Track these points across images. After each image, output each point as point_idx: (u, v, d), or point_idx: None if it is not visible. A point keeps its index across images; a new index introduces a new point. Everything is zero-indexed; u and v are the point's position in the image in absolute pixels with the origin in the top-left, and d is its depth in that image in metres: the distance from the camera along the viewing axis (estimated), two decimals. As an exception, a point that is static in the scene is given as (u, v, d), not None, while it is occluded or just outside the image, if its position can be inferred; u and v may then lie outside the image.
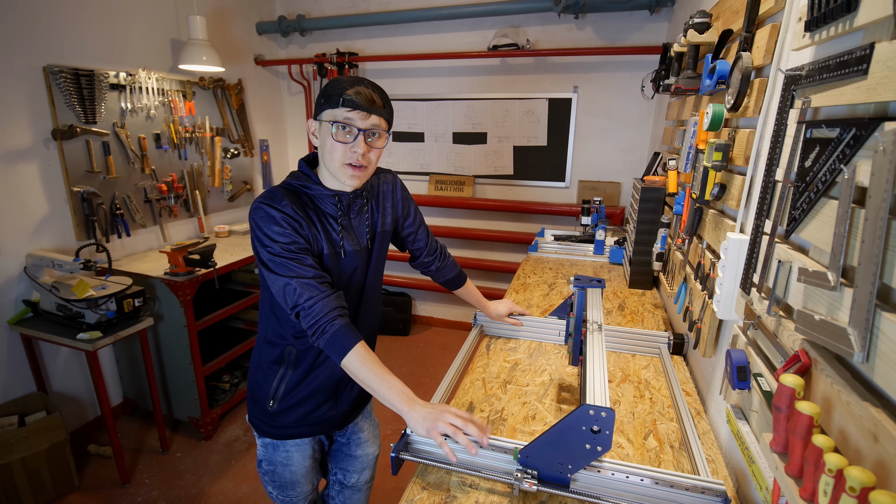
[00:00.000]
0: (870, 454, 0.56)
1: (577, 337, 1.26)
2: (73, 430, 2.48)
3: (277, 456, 1.26)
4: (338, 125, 1.03)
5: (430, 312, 4.06)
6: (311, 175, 1.12)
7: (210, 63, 2.75)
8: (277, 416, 1.22)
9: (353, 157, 1.05)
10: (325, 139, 1.05)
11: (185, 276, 2.31)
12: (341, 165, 1.06)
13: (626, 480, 0.91)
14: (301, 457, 1.28)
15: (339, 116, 1.03)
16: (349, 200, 1.14)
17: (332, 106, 1.03)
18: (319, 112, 1.06)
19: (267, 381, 1.21)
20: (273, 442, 1.25)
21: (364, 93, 1.03)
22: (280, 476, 1.28)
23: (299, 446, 1.27)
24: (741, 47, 1.12)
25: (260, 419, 1.24)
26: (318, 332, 1.00)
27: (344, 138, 1.04)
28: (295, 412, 1.21)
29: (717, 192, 1.23)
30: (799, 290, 0.76)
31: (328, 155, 1.06)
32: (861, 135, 0.60)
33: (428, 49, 3.42)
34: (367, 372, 0.99)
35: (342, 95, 1.02)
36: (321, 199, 1.11)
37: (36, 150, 2.25)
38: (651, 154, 2.82)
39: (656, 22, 2.93)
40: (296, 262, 1.02)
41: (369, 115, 1.04)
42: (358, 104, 1.02)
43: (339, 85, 1.04)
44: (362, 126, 1.04)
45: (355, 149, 1.04)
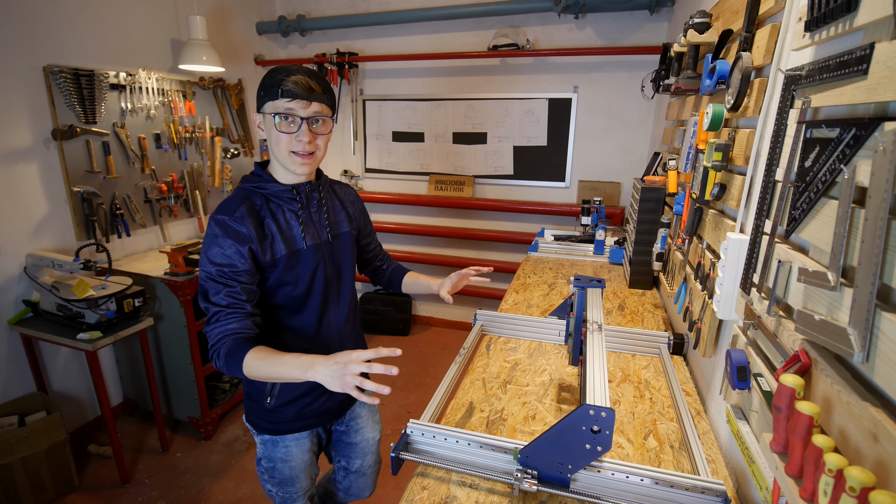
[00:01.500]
0: (870, 454, 0.56)
1: (577, 337, 1.26)
2: (73, 430, 2.47)
3: (277, 452, 1.28)
4: (280, 116, 1.04)
5: (429, 312, 4.06)
6: (262, 175, 1.14)
7: (210, 63, 2.75)
8: (276, 411, 1.23)
9: (300, 145, 1.07)
10: (270, 131, 1.07)
11: (185, 276, 2.31)
12: (288, 154, 1.08)
13: (626, 480, 0.91)
14: (300, 451, 1.30)
15: (280, 107, 1.04)
16: (307, 193, 1.16)
17: (272, 97, 1.04)
18: (261, 104, 1.07)
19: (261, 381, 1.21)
20: (272, 438, 1.27)
21: (301, 81, 1.03)
22: (280, 472, 1.30)
23: (298, 441, 1.29)
24: (741, 47, 1.11)
25: (258, 416, 1.26)
26: (216, 356, 1.03)
27: (288, 128, 1.05)
28: (293, 406, 1.24)
29: (717, 192, 1.23)
30: (799, 290, 0.76)
31: (275, 146, 1.08)
32: (861, 135, 0.60)
33: (428, 49, 3.42)
34: (263, 366, 0.99)
35: (280, 86, 1.03)
36: (279, 196, 1.13)
37: (36, 150, 2.25)
38: (651, 154, 2.82)
39: (656, 22, 2.93)
40: (218, 287, 1.04)
41: (310, 102, 1.05)
42: (297, 94, 1.03)
43: (277, 75, 1.04)
44: (304, 115, 1.05)
45: (300, 137, 1.06)
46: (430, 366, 3.37)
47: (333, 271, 1.23)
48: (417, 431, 1.06)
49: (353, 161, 3.89)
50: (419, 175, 3.75)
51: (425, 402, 2.98)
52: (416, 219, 3.82)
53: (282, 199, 1.13)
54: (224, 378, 2.86)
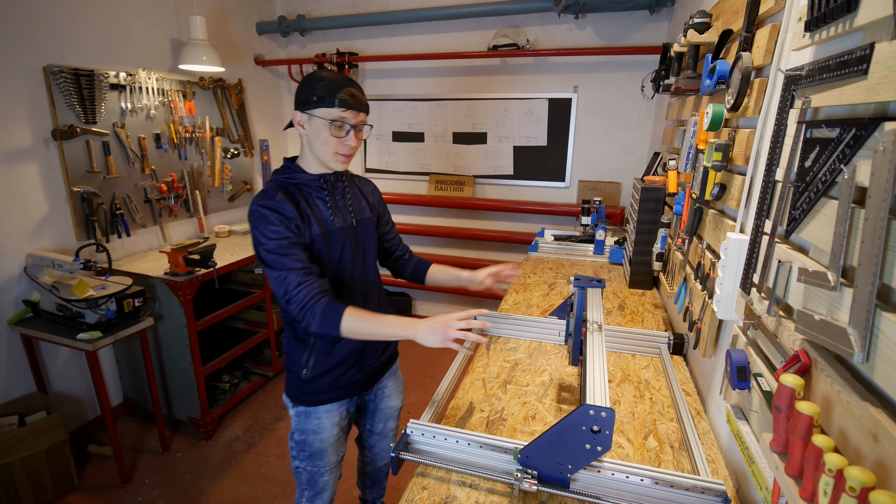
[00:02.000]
0: (870, 454, 0.56)
1: (577, 337, 1.26)
2: (73, 430, 2.47)
3: (309, 424, 1.37)
4: (334, 123, 1.16)
5: (430, 312, 4.06)
6: (293, 167, 1.27)
7: (210, 63, 2.75)
8: (311, 382, 1.33)
9: (346, 148, 1.21)
10: (319, 133, 1.18)
11: (185, 276, 2.31)
12: (334, 155, 1.21)
13: (626, 480, 0.91)
14: (330, 423, 1.38)
15: (335, 115, 1.16)
16: (332, 181, 1.29)
17: (328, 105, 1.15)
18: (311, 108, 1.17)
19: (297, 353, 1.32)
20: (306, 410, 1.36)
21: (356, 94, 1.18)
22: (310, 445, 1.38)
23: (329, 413, 1.37)
24: (741, 47, 1.12)
25: (295, 388, 1.36)
26: (309, 315, 1.11)
27: (338, 133, 1.18)
28: (326, 378, 1.33)
29: (717, 192, 1.23)
30: (799, 290, 0.76)
31: (322, 146, 1.19)
32: (861, 135, 0.60)
33: (428, 49, 3.42)
34: (365, 325, 1.11)
35: (336, 96, 1.15)
36: (308, 185, 1.25)
37: (36, 150, 2.25)
38: (651, 154, 2.82)
39: (656, 22, 2.93)
40: (286, 257, 1.14)
41: (359, 113, 1.20)
42: (352, 105, 1.17)
43: (333, 85, 1.16)
44: (354, 123, 1.19)
45: (348, 142, 1.20)
46: (430, 366, 3.37)
47: (358, 252, 1.34)
48: (417, 431, 1.06)
49: (354, 161, 3.89)
50: (419, 175, 3.75)
51: (425, 402, 2.98)
52: (416, 219, 3.82)
53: (311, 188, 1.26)
54: (224, 378, 2.87)
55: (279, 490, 2.21)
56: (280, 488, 2.22)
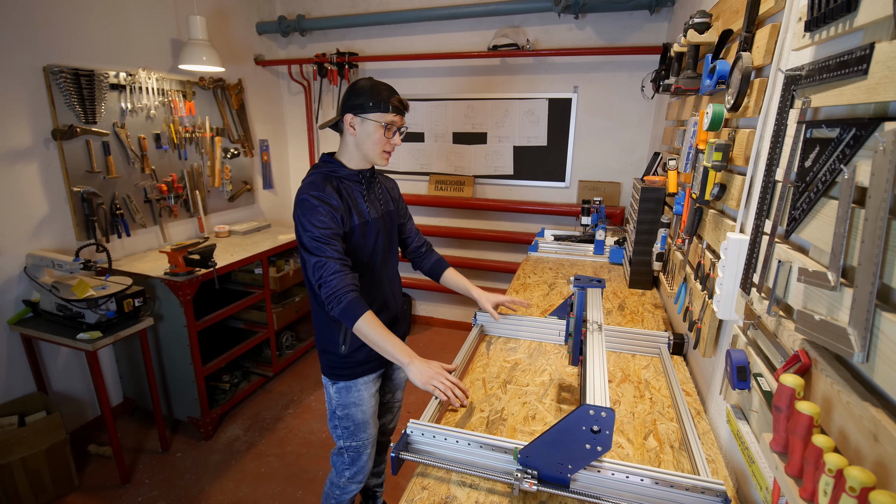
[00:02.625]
0: (870, 454, 0.56)
1: (577, 337, 1.26)
2: (73, 430, 2.47)
3: (350, 398, 1.49)
4: (389, 125, 1.36)
5: (430, 312, 4.07)
6: (333, 162, 1.42)
7: (210, 63, 2.75)
8: (349, 357, 1.46)
9: (391, 146, 1.41)
10: (371, 134, 1.36)
11: (185, 276, 2.31)
12: (381, 152, 1.39)
13: (626, 480, 0.91)
14: (368, 395, 1.51)
15: (388, 119, 1.36)
16: (368, 177, 1.46)
17: (383, 110, 1.34)
18: (365, 111, 1.34)
19: (333, 332, 1.45)
20: (346, 384, 1.48)
21: (404, 101, 1.39)
22: (353, 418, 1.50)
23: (367, 384, 1.50)
24: (741, 47, 1.11)
25: (334, 365, 1.48)
26: (335, 302, 1.24)
27: (390, 135, 1.38)
28: (363, 350, 1.46)
29: (717, 192, 1.23)
30: (799, 290, 0.76)
31: (372, 146, 1.38)
32: (861, 135, 0.60)
33: (428, 49, 3.42)
34: (375, 334, 1.24)
35: (390, 102, 1.34)
36: (349, 178, 1.42)
37: (36, 150, 2.25)
38: (651, 154, 2.82)
39: (656, 22, 2.93)
40: (327, 246, 1.27)
41: (403, 117, 1.41)
42: (401, 110, 1.38)
43: (384, 92, 1.35)
44: (400, 125, 1.40)
45: (395, 142, 1.41)
46: (430, 366, 3.36)
47: (387, 239, 1.51)
48: (417, 431, 1.06)
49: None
50: (419, 175, 3.75)
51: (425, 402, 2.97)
52: (416, 219, 3.82)
53: (351, 182, 1.42)
54: (224, 378, 2.87)
55: (279, 490, 2.21)
56: (280, 488, 2.22)
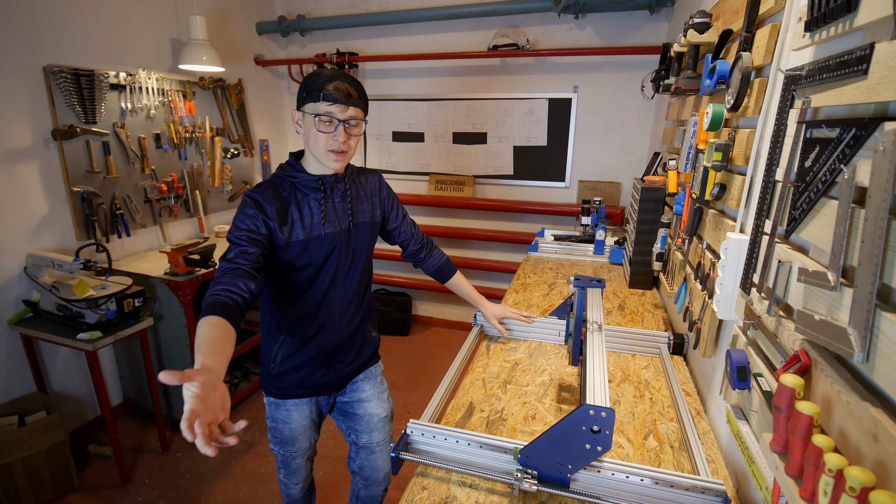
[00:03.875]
0: (870, 454, 0.56)
1: (577, 337, 1.26)
2: (73, 430, 2.48)
3: (279, 414, 1.42)
4: (320, 117, 1.15)
5: (430, 312, 4.06)
6: (295, 165, 1.27)
7: (210, 63, 2.75)
8: (278, 377, 1.37)
9: (336, 144, 1.18)
10: (309, 129, 1.18)
11: (185, 276, 2.31)
12: (325, 152, 1.19)
13: (626, 480, 0.91)
14: (299, 416, 1.42)
15: (321, 110, 1.15)
16: (331, 183, 1.27)
17: (314, 100, 1.14)
18: (302, 104, 1.18)
19: (268, 347, 1.36)
20: (275, 401, 1.41)
21: (342, 87, 1.15)
22: (280, 432, 1.44)
23: (297, 406, 1.41)
24: (741, 47, 1.11)
25: (265, 379, 1.41)
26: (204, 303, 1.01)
27: (326, 129, 1.17)
28: (292, 376, 1.36)
29: (717, 192, 1.23)
30: (799, 290, 0.76)
31: (312, 143, 1.19)
32: (861, 135, 0.60)
33: (428, 49, 3.42)
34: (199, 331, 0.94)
35: (322, 90, 1.13)
36: (305, 185, 1.25)
37: (36, 150, 2.25)
38: (651, 154, 2.82)
39: (656, 22, 2.93)
40: (237, 248, 1.13)
41: (347, 107, 1.16)
42: (337, 98, 1.14)
43: (319, 79, 1.15)
44: (341, 117, 1.16)
45: (336, 138, 1.18)
46: (430, 366, 3.37)
47: (347, 257, 1.33)
48: (417, 431, 1.06)
49: (353, 161, 3.89)
50: (419, 175, 3.75)
51: (425, 402, 2.98)
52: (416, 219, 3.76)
53: (308, 189, 1.25)
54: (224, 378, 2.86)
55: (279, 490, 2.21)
56: (280, 488, 2.22)
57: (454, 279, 1.61)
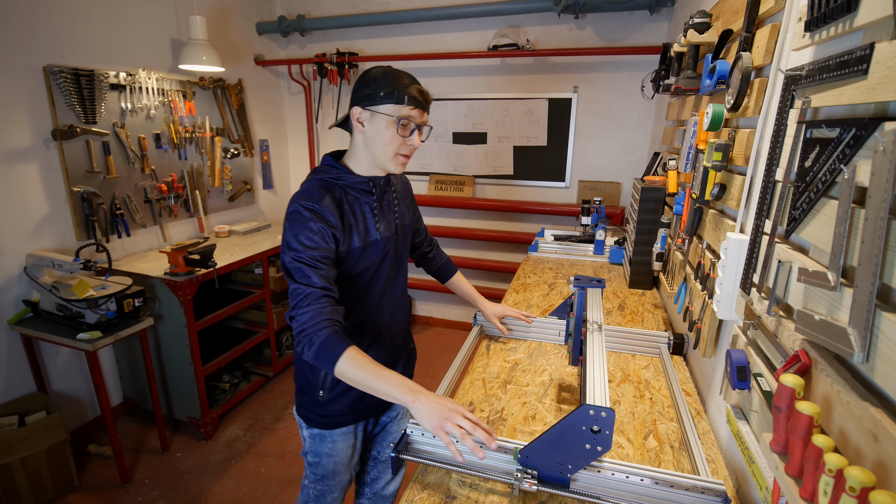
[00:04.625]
0: (870, 454, 0.56)
1: (577, 337, 1.26)
2: (73, 430, 2.47)
3: (324, 447, 1.29)
4: (402, 120, 1.09)
5: (430, 312, 4.06)
6: (338, 166, 1.16)
7: (210, 63, 2.75)
8: (328, 404, 1.24)
9: (408, 149, 1.13)
10: (383, 132, 1.10)
11: (185, 276, 2.31)
12: (395, 156, 1.13)
13: (626, 480, 0.91)
14: (345, 446, 1.31)
15: (403, 113, 1.09)
16: (381, 185, 1.20)
17: (395, 101, 1.07)
18: (377, 104, 1.08)
19: (314, 373, 1.23)
20: (321, 433, 1.28)
21: (425, 92, 1.11)
22: (323, 467, 1.31)
23: (345, 435, 1.29)
24: (741, 47, 1.11)
25: (309, 409, 1.27)
26: (306, 343, 0.98)
27: (404, 133, 1.10)
28: (344, 399, 1.24)
29: (717, 192, 1.23)
30: (799, 290, 0.76)
31: (383, 145, 1.11)
32: (861, 135, 0.60)
33: (428, 49, 3.42)
34: (362, 373, 0.95)
35: (406, 92, 1.07)
36: (355, 188, 1.16)
37: (36, 150, 2.25)
38: (651, 154, 2.82)
39: (656, 22, 2.93)
40: (313, 271, 1.03)
41: (424, 112, 1.13)
42: (420, 103, 1.10)
43: (400, 81, 1.08)
44: (419, 122, 1.12)
45: (412, 142, 1.12)
46: (430, 366, 3.37)
47: (395, 261, 1.26)
48: (417, 431, 1.06)
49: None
50: (419, 175, 3.75)
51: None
52: (416, 219, 3.82)
53: (358, 192, 1.16)
54: (224, 378, 2.86)
55: (279, 490, 2.21)
56: (280, 488, 2.22)
57: (454, 278, 1.59)
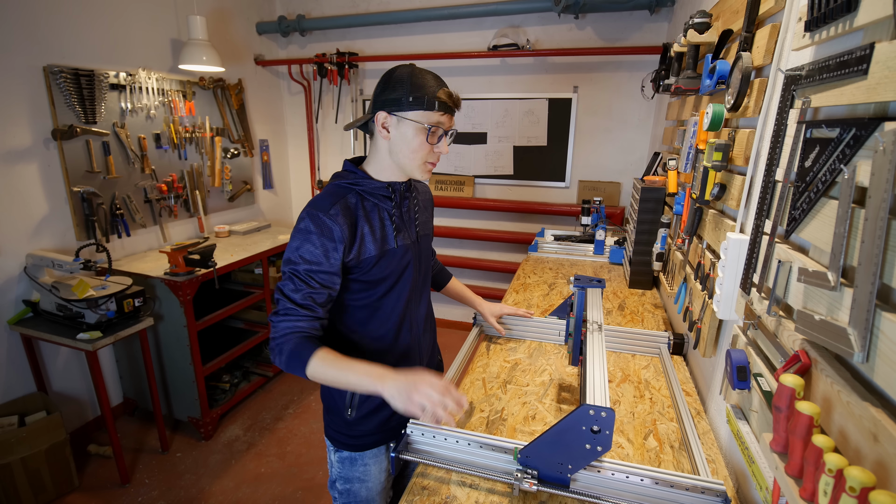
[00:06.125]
0: (870, 454, 0.56)
1: (577, 337, 1.26)
2: (73, 430, 2.47)
3: (355, 472, 1.22)
4: (433, 127, 1.02)
5: (430, 312, 4.06)
6: (357, 172, 1.11)
7: (210, 63, 2.75)
8: (357, 424, 1.18)
9: (436, 156, 1.07)
10: (410, 139, 1.03)
11: (185, 276, 2.31)
12: (423, 163, 1.07)
13: (626, 480, 0.91)
14: (378, 470, 1.24)
15: (433, 120, 1.02)
16: (401, 192, 1.13)
17: (425, 107, 1.01)
18: (405, 109, 1.02)
19: (341, 392, 1.17)
20: (351, 456, 1.21)
21: (454, 96, 1.04)
22: (356, 495, 1.24)
23: (377, 457, 1.23)
24: (741, 47, 1.11)
25: (338, 430, 1.20)
26: (278, 352, 0.98)
27: (434, 140, 1.04)
28: (374, 419, 1.18)
29: (717, 192, 1.23)
30: (799, 290, 0.76)
31: (411, 153, 1.05)
32: (861, 135, 0.60)
33: (428, 49, 3.42)
34: (331, 370, 0.95)
35: (436, 98, 1.01)
36: (374, 194, 1.09)
37: (36, 150, 2.25)
38: (651, 154, 2.82)
39: (656, 22, 2.93)
40: (303, 284, 1.00)
41: (452, 117, 1.06)
42: (450, 108, 1.03)
43: (428, 86, 1.01)
44: (448, 128, 1.05)
45: (440, 149, 1.06)
46: (430, 366, 3.36)
47: (420, 273, 1.19)
48: (417, 431, 1.06)
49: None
50: (419, 175, 3.74)
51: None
52: (416, 219, 3.82)
53: (376, 198, 1.09)
54: (224, 378, 2.87)
55: (279, 490, 2.21)
56: (280, 488, 2.22)
57: (449, 285, 1.54)
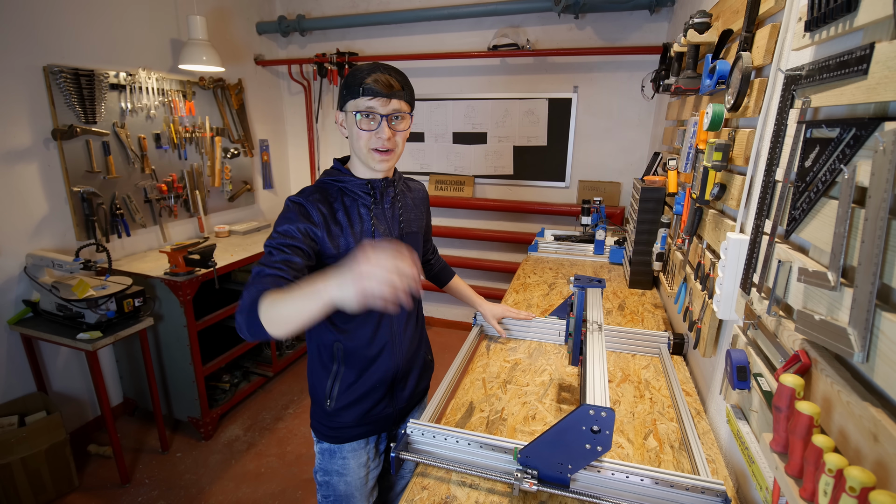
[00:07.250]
0: (870, 454, 0.56)
1: (577, 337, 1.26)
2: (73, 430, 2.47)
3: (333, 464, 1.25)
4: (361, 114, 1.06)
5: (429, 312, 4.06)
6: (341, 169, 1.17)
7: (210, 63, 2.75)
8: (336, 415, 1.21)
9: (379, 142, 1.08)
10: (352, 128, 1.09)
11: (185, 276, 2.31)
12: (369, 151, 1.09)
13: (626, 480, 0.91)
14: (356, 464, 1.25)
15: (361, 106, 1.05)
16: (381, 188, 1.17)
17: (354, 96, 1.06)
18: (343, 103, 1.09)
19: (321, 382, 1.21)
20: (330, 448, 1.24)
21: (382, 79, 1.05)
22: (335, 488, 1.26)
23: (355, 452, 1.25)
24: (741, 47, 1.11)
25: (319, 421, 1.24)
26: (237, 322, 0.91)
27: (368, 126, 1.07)
28: (352, 411, 1.21)
29: (717, 192, 1.23)
30: (799, 290, 0.76)
31: (356, 143, 1.10)
32: (861, 135, 0.60)
33: (428, 49, 3.42)
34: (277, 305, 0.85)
35: (362, 84, 1.04)
36: (354, 190, 1.14)
37: (36, 150, 2.25)
38: (651, 154, 2.82)
39: (656, 22, 2.93)
40: (276, 251, 1.00)
41: (389, 100, 1.06)
42: (377, 91, 1.04)
43: (358, 74, 1.06)
44: (384, 112, 1.06)
45: (380, 135, 1.07)
46: (430, 366, 3.37)
47: None
48: (417, 431, 1.06)
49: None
50: (419, 175, 3.75)
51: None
52: (416, 219, 3.82)
53: (356, 193, 1.15)
54: (224, 378, 2.87)
55: (279, 490, 2.21)
56: (280, 488, 2.22)
57: (452, 282, 1.57)
